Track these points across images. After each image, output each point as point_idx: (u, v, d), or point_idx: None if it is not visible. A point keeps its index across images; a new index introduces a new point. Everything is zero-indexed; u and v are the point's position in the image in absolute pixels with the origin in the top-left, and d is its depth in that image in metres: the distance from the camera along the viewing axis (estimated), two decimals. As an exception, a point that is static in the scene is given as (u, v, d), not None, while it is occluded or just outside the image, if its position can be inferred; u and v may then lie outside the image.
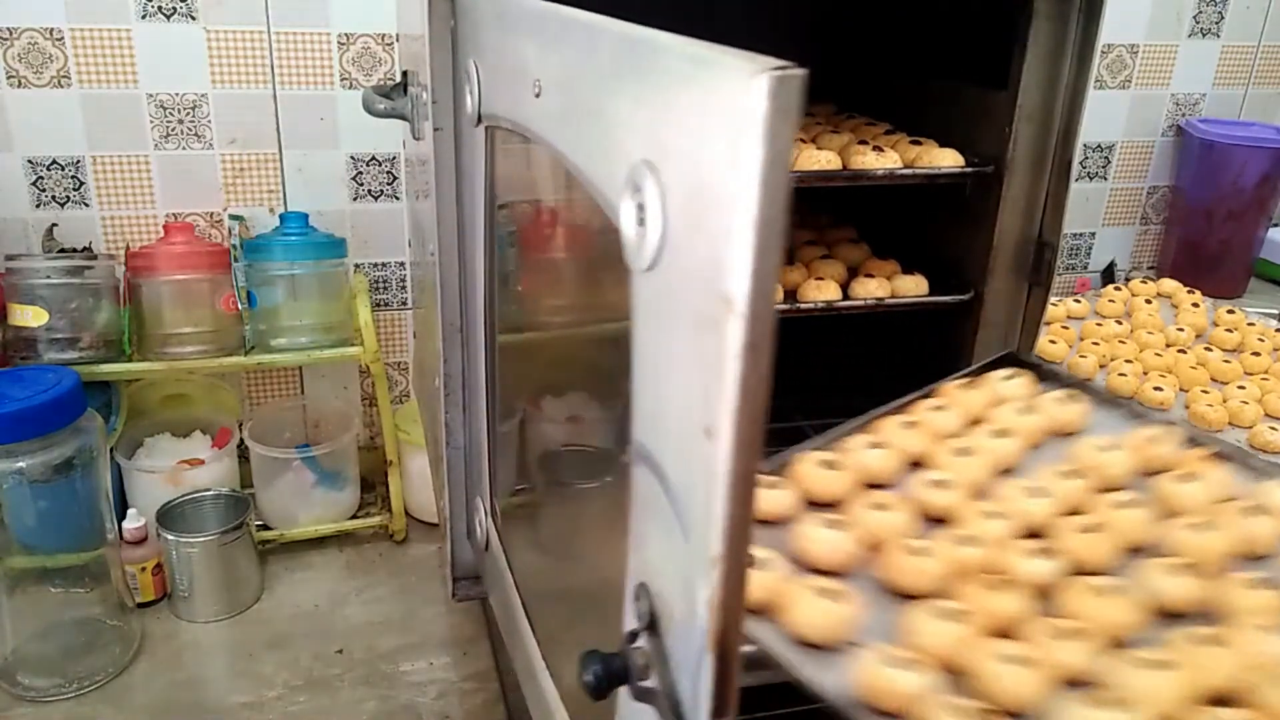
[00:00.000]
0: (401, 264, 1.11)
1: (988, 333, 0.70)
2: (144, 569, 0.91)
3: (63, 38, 0.94)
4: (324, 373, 1.12)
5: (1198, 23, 1.28)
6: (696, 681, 0.27)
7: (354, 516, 1.06)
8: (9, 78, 0.94)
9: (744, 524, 0.25)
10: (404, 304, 1.13)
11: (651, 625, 0.30)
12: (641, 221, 0.28)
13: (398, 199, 1.08)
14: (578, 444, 0.64)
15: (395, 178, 1.08)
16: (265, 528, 1.01)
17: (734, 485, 0.24)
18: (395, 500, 1.04)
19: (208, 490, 0.96)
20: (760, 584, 0.44)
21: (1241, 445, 0.81)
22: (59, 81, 0.96)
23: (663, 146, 0.27)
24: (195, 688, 0.83)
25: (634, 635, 0.31)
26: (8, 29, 0.93)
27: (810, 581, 0.45)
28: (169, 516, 0.92)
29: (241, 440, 1.02)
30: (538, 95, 0.39)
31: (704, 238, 0.25)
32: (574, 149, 0.35)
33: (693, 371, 0.26)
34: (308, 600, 0.95)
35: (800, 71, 0.22)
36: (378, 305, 1.12)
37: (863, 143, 0.68)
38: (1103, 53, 1.26)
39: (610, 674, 0.30)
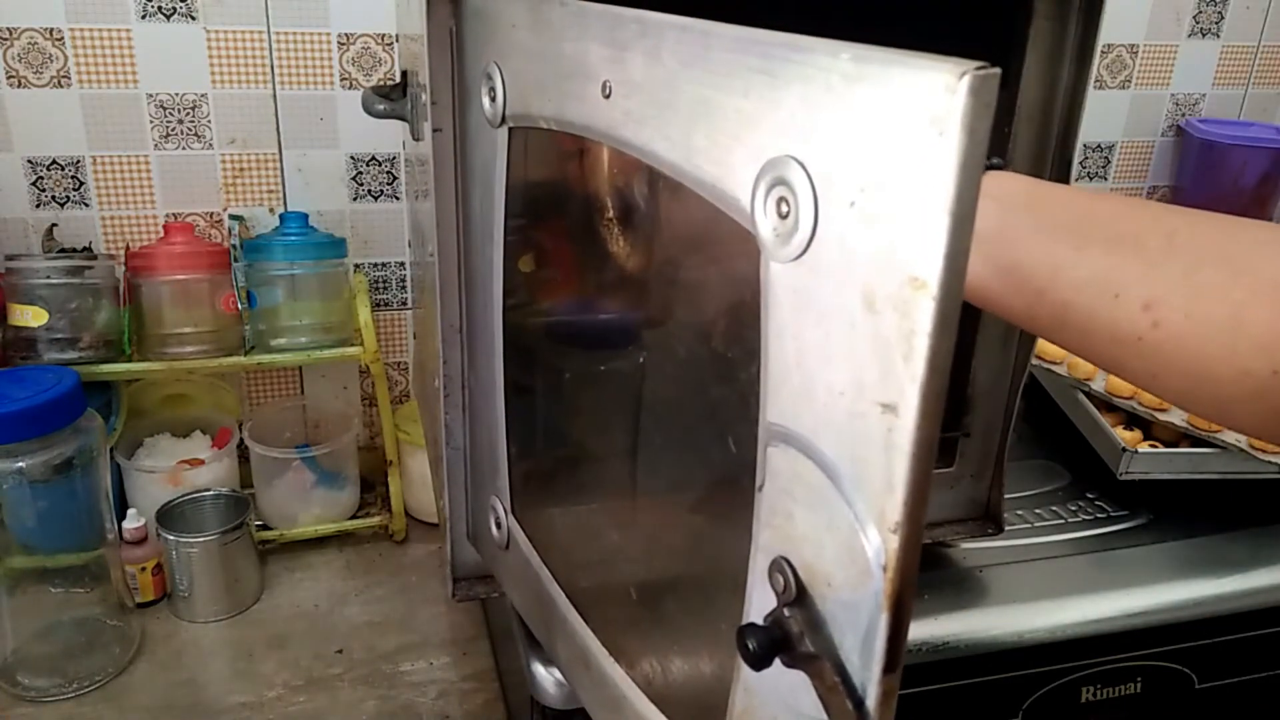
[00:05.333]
0: (401, 264, 1.11)
1: (988, 332, 0.70)
2: (144, 569, 0.91)
3: (63, 38, 0.94)
4: (324, 373, 1.12)
5: (1198, 23, 1.28)
6: (869, 640, 0.29)
7: (354, 516, 1.06)
8: (9, 78, 0.95)
9: (923, 490, 0.27)
10: (404, 304, 1.13)
11: (799, 596, 0.32)
12: (784, 215, 0.30)
13: (398, 199, 1.09)
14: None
15: (395, 178, 1.08)
16: (265, 528, 1.02)
17: (916, 455, 0.27)
18: (395, 500, 1.04)
19: (208, 490, 0.96)
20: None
21: (1241, 445, 0.81)
22: (59, 81, 0.96)
23: (815, 142, 0.29)
24: (195, 688, 0.83)
25: (777, 608, 0.33)
26: (8, 29, 0.93)
27: None
28: (169, 516, 0.92)
29: (241, 440, 1.02)
30: (607, 95, 0.41)
31: (882, 226, 0.27)
32: (668, 146, 0.37)
33: (863, 351, 0.28)
34: (308, 600, 0.95)
35: (996, 70, 0.24)
36: (378, 305, 1.12)
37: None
38: (1103, 53, 1.26)
39: (771, 642, 0.32)
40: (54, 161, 0.98)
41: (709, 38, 0.34)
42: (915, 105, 0.25)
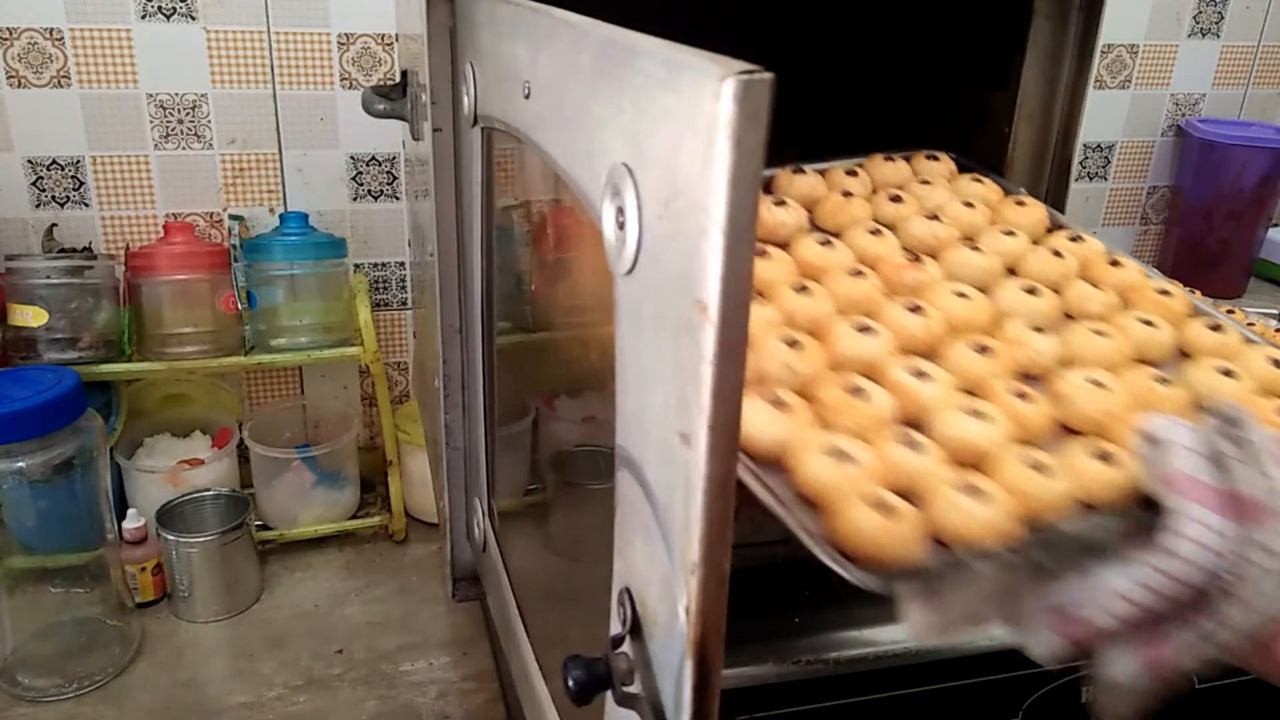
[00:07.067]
0: (401, 264, 1.11)
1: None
2: (144, 569, 0.91)
3: (63, 38, 0.94)
4: (324, 373, 1.12)
5: (1198, 23, 1.28)
6: (679, 687, 0.27)
7: (354, 516, 1.06)
8: (9, 78, 0.95)
9: (722, 531, 0.25)
10: (404, 304, 1.13)
11: (635, 630, 0.30)
12: (621, 225, 0.28)
13: (398, 199, 1.09)
14: (589, 444, 0.64)
15: (395, 178, 1.08)
16: (265, 528, 1.02)
17: (710, 492, 0.25)
18: (395, 500, 1.04)
19: (208, 490, 0.96)
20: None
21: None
22: (59, 81, 0.96)
23: (641, 150, 0.27)
24: (195, 688, 0.83)
25: (618, 640, 0.31)
26: (8, 29, 0.93)
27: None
28: (169, 516, 0.92)
29: (241, 440, 1.02)
30: (527, 97, 0.39)
31: (680, 243, 0.25)
32: (560, 151, 0.36)
33: (670, 377, 0.26)
34: (307, 600, 0.95)
35: (767, 76, 0.22)
36: (378, 305, 1.12)
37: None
38: (1103, 53, 1.26)
39: (593, 679, 0.30)
40: (54, 161, 0.98)
41: (582, 37, 0.32)
42: (696, 112, 0.23)
